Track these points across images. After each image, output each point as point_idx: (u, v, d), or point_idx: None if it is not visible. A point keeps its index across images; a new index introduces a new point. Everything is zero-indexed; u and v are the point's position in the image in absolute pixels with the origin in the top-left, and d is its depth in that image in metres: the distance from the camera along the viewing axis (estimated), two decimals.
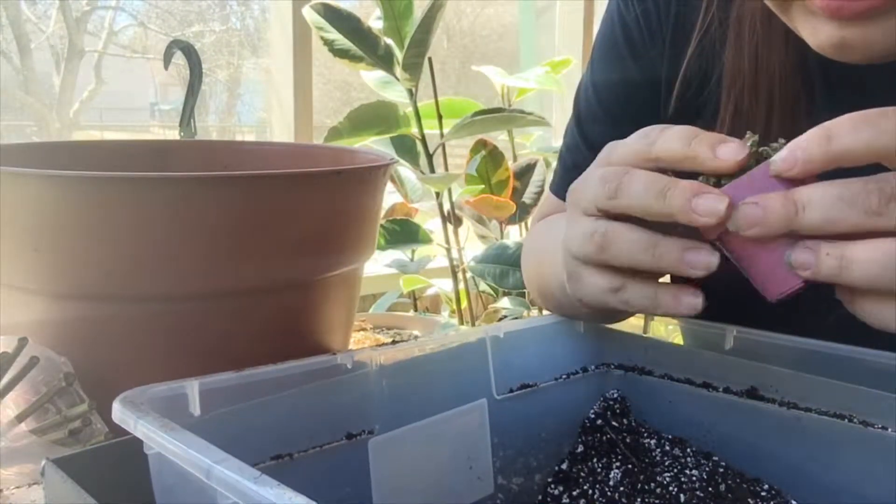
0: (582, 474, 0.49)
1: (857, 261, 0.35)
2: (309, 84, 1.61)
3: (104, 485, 0.36)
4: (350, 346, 0.79)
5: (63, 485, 0.37)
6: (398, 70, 1.20)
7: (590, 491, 0.47)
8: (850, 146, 0.35)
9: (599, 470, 0.49)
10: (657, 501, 0.45)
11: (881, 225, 0.35)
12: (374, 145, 1.25)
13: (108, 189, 0.56)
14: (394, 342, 0.45)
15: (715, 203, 0.37)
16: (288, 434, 0.40)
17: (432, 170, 1.28)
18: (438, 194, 1.29)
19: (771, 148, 0.38)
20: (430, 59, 1.24)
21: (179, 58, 0.93)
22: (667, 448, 0.49)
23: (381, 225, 1.27)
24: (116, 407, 0.35)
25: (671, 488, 0.45)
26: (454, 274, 1.34)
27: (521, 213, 1.37)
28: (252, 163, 0.88)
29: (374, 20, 1.21)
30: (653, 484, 0.46)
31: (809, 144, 0.36)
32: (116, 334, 0.60)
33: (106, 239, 0.57)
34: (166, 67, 0.93)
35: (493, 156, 1.34)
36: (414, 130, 1.26)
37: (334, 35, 1.17)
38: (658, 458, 0.49)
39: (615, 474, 0.47)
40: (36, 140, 1.45)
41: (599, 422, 0.51)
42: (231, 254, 0.59)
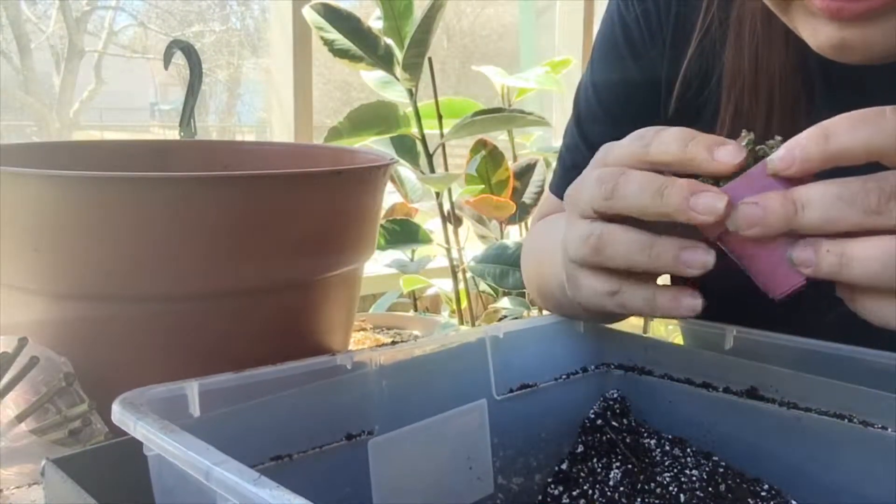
0: (582, 474, 0.49)
1: (858, 258, 0.35)
2: (309, 84, 1.61)
3: (104, 485, 0.36)
4: (350, 346, 0.79)
5: (63, 485, 0.37)
6: (398, 70, 1.20)
7: (590, 491, 0.47)
8: (848, 145, 0.35)
9: (599, 470, 0.49)
10: (657, 501, 0.45)
11: (881, 224, 0.35)
12: (374, 145, 1.25)
13: (108, 189, 0.56)
14: (393, 342, 0.44)
15: (713, 201, 0.37)
16: (287, 435, 0.40)
17: (432, 170, 1.28)
18: (438, 194, 1.29)
19: (767, 146, 0.38)
20: (430, 59, 1.24)
21: (179, 58, 0.93)
22: (667, 448, 0.49)
23: (381, 225, 1.27)
24: (116, 408, 0.35)
25: (671, 488, 0.45)
26: (454, 274, 1.34)
27: (521, 213, 1.37)
28: (252, 163, 0.88)
29: (374, 20, 1.21)
30: (653, 484, 0.46)
31: (807, 143, 0.36)
32: (116, 334, 0.60)
33: (106, 239, 0.57)
34: (166, 67, 0.93)
35: (493, 156, 1.34)
36: (414, 130, 1.26)
37: (334, 35, 1.17)
38: (658, 458, 0.49)
39: (615, 474, 0.47)
40: (36, 140, 1.45)
41: (599, 422, 0.51)
42: (231, 254, 0.59)
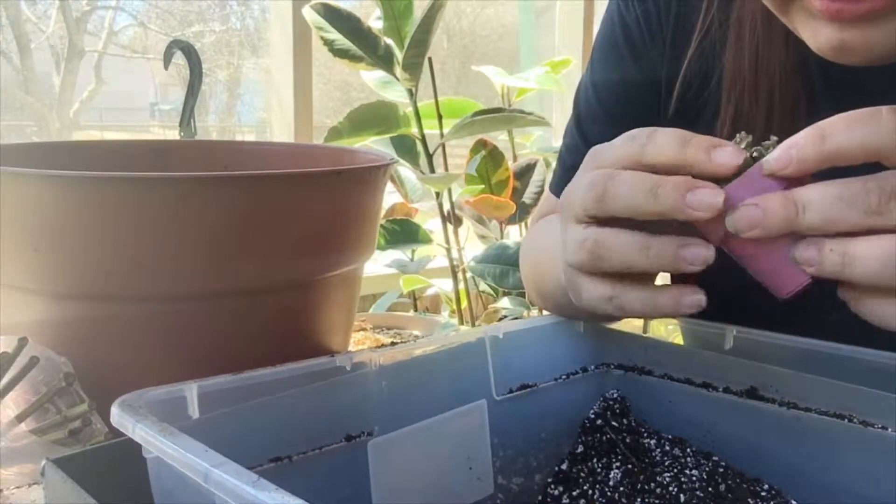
0: (582, 474, 0.49)
1: (860, 257, 0.35)
2: (309, 84, 1.61)
3: (104, 485, 0.36)
4: (350, 347, 0.79)
5: (63, 485, 0.37)
6: (398, 70, 1.20)
7: (590, 491, 0.47)
8: (844, 145, 0.35)
9: (599, 470, 0.48)
10: (657, 501, 0.45)
11: (881, 224, 0.35)
12: (374, 145, 1.25)
13: (108, 189, 0.56)
14: (393, 343, 0.45)
15: (710, 196, 0.37)
16: (287, 436, 0.40)
17: (432, 170, 1.28)
18: (438, 194, 1.29)
19: (763, 146, 0.38)
20: (430, 59, 1.24)
21: (179, 58, 0.93)
22: (667, 448, 0.49)
23: (381, 225, 1.27)
24: (115, 410, 0.34)
25: (671, 488, 0.45)
26: (454, 274, 1.34)
27: (521, 213, 1.37)
28: (252, 163, 0.88)
29: (374, 20, 1.21)
30: (653, 484, 0.46)
31: (804, 144, 0.36)
32: (116, 334, 0.60)
33: (106, 239, 0.57)
34: (166, 67, 0.93)
35: (493, 156, 1.34)
36: (414, 130, 1.26)
37: (334, 35, 1.17)
38: (658, 458, 0.49)
39: (615, 474, 0.47)
40: (36, 140, 1.45)
41: (599, 422, 0.51)
42: (231, 254, 0.59)
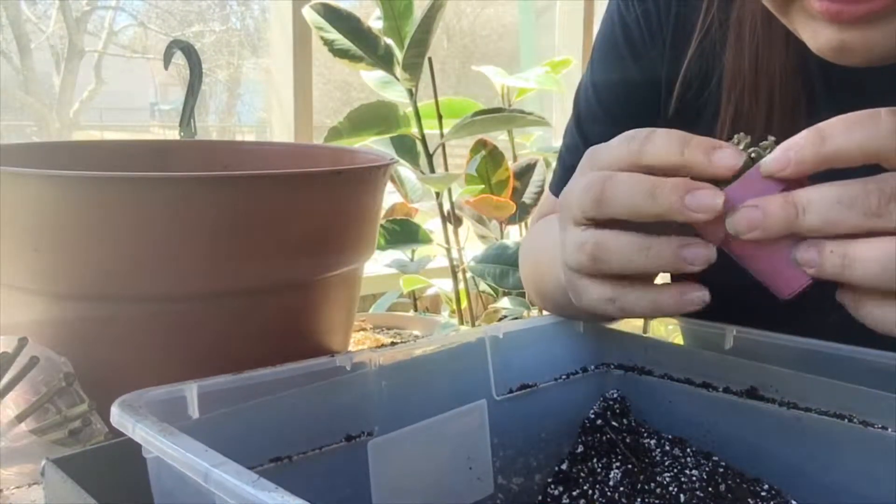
0: (582, 474, 0.49)
1: (859, 259, 0.35)
2: (309, 84, 1.61)
3: (104, 485, 0.36)
4: (350, 347, 0.79)
5: (63, 485, 0.37)
6: (398, 70, 1.20)
7: (590, 491, 0.47)
8: (843, 147, 0.35)
9: (599, 470, 0.48)
10: (657, 501, 0.45)
11: (881, 226, 0.35)
12: (374, 145, 1.25)
13: (108, 189, 0.56)
14: (393, 343, 0.44)
15: (710, 198, 0.37)
16: (287, 436, 0.40)
17: (432, 170, 1.28)
18: (438, 194, 1.29)
19: (761, 147, 0.38)
20: (430, 59, 1.24)
21: (179, 58, 0.93)
22: (667, 448, 0.49)
23: (381, 225, 1.27)
24: (115, 411, 0.34)
25: (671, 488, 0.45)
26: (454, 274, 1.34)
27: (521, 213, 1.37)
28: (252, 163, 0.88)
29: (374, 20, 1.21)
30: (653, 484, 0.46)
31: (802, 145, 0.36)
32: (116, 334, 0.60)
33: (106, 239, 0.57)
34: (166, 67, 0.93)
35: (493, 156, 1.34)
36: (414, 130, 1.26)
37: (334, 35, 1.17)
38: (658, 458, 0.49)
39: (615, 474, 0.47)
40: (36, 140, 1.45)
41: (599, 422, 0.51)
42: (231, 254, 0.59)
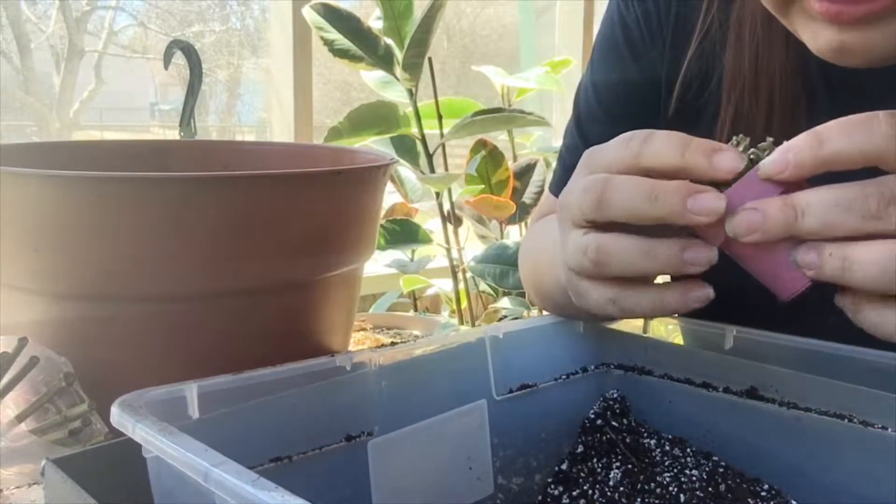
0: (582, 474, 0.49)
1: (858, 262, 0.35)
2: (309, 84, 1.61)
3: (104, 485, 0.36)
4: (350, 347, 0.79)
5: (63, 485, 0.37)
6: (398, 70, 1.20)
7: (590, 491, 0.47)
8: (841, 149, 0.35)
9: (599, 470, 0.48)
10: (657, 501, 0.45)
11: (880, 228, 0.35)
12: (374, 145, 1.25)
13: (108, 189, 0.56)
14: (393, 343, 0.44)
15: (712, 202, 0.37)
16: (287, 436, 0.40)
17: (432, 170, 1.28)
18: (438, 194, 1.29)
19: (759, 149, 0.38)
20: (430, 59, 1.24)
21: (179, 58, 0.93)
22: (667, 448, 0.49)
23: (381, 225, 1.27)
24: (115, 410, 0.34)
25: (671, 488, 0.45)
26: (454, 274, 1.34)
27: (521, 213, 1.37)
28: (252, 163, 0.88)
29: (374, 20, 1.21)
30: (653, 484, 0.46)
31: (801, 148, 0.36)
32: (116, 334, 0.60)
33: (106, 239, 0.57)
34: (166, 67, 0.93)
35: (493, 156, 1.34)
36: (414, 130, 1.26)
37: (334, 35, 1.17)
38: (658, 458, 0.49)
39: (615, 474, 0.47)
40: (36, 140, 1.45)
41: (599, 422, 0.51)
42: (231, 254, 0.59)
